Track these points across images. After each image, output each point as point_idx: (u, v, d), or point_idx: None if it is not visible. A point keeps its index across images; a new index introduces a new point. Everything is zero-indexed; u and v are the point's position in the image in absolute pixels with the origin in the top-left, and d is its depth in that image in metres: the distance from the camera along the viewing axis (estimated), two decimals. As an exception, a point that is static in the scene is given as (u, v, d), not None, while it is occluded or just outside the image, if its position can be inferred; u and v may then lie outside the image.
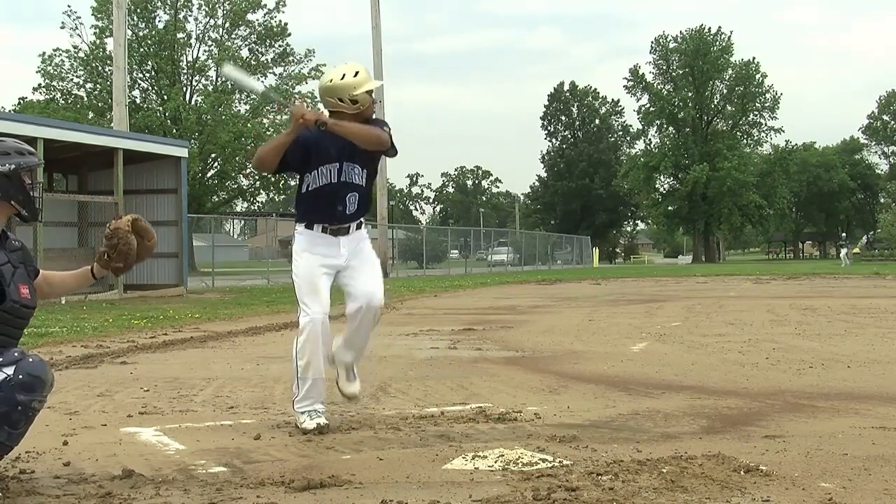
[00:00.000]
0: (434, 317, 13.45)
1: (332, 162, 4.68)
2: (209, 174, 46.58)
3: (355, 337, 4.84)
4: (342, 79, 4.63)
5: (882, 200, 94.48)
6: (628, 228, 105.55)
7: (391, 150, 4.84)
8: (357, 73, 4.66)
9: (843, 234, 60.20)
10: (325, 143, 4.64)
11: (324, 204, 4.70)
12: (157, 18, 47.39)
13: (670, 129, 76.87)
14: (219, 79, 48.10)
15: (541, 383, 6.30)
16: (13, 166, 3.46)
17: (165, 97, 45.86)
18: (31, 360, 3.38)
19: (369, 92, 4.69)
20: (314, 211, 4.74)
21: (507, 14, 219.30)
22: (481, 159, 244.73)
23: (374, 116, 4.80)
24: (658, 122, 76.65)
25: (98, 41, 45.63)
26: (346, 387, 4.88)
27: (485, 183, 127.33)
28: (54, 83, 46.25)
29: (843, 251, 47.17)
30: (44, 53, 46.25)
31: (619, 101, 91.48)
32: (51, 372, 3.46)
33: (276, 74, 48.71)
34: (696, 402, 5.45)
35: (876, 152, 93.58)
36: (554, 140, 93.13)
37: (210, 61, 47.96)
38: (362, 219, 4.88)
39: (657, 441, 4.28)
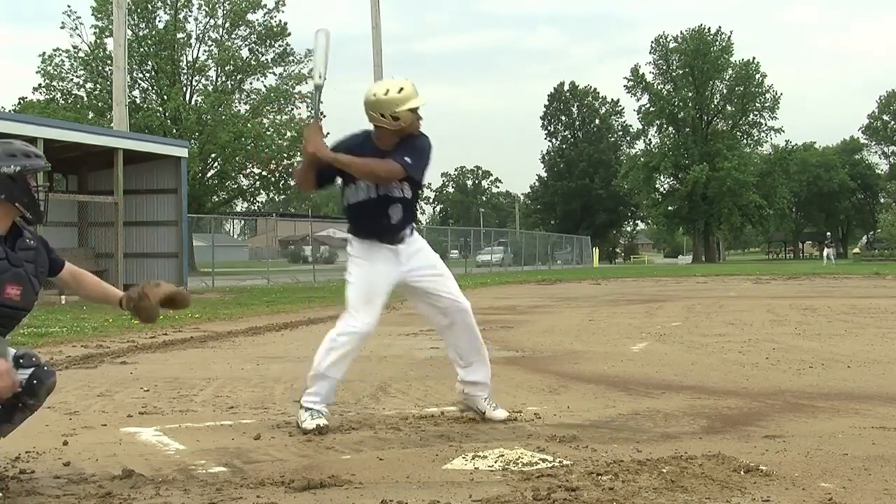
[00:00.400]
0: (434, 317, 13.42)
1: None
2: (209, 174, 46.58)
3: (468, 347, 4.84)
4: (385, 94, 4.56)
5: (882, 200, 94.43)
6: (628, 228, 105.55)
7: (413, 178, 4.67)
8: (402, 90, 4.58)
9: (828, 234, 60.36)
10: (369, 154, 4.59)
11: (367, 218, 4.69)
12: (157, 18, 47.42)
13: (670, 129, 76.87)
14: (219, 78, 48.13)
15: (541, 383, 6.30)
16: (19, 168, 3.46)
17: (165, 97, 45.88)
18: (47, 367, 3.49)
19: (413, 109, 4.60)
20: (360, 224, 4.73)
21: (506, 14, 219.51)
22: (481, 159, 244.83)
23: (417, 133, 4.68)
24: (658, 122, 76.67)
25: (98, 41, 45.65)
26: (497, 415, 4.81)
27: (485, 183, 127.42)
28: (54, 83, 46.27)
29: (826, 251, 47.71)
30: (44, 53, 46.34)
31: (618, 100, 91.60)
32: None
33: (276, 74, 48.80)
34: (696, 402, 5.45)
35: (876, 152, 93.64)
36: (554, 140, 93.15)
37: (210, 61, 47.98)
38: (413, 224, 4.85)
39: (657, 441, 4.28)
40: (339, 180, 4.77)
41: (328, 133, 5.04)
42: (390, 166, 4.53)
